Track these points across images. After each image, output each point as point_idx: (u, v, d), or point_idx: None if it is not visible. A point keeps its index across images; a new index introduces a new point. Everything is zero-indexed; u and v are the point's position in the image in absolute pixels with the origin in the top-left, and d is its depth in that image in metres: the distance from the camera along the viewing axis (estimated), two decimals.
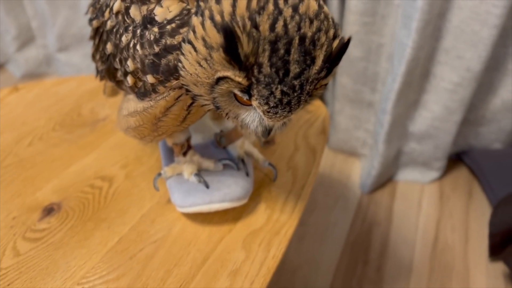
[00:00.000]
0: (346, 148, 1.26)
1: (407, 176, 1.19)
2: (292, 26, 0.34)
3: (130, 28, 0.41)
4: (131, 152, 0.64)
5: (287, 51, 0.34)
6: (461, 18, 0.93)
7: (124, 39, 0.42)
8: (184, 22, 0.36)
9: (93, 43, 0.50)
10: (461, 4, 0.91)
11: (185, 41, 0.36)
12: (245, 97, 0.37)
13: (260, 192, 0.57)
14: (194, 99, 0.41)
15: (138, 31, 0.40)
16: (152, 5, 0.39)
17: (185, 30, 0.36)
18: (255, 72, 0.35)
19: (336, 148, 1.28)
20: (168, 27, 0.37)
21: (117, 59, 0.45)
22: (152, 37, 0.38)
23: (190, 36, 0.36)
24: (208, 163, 0.55)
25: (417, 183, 1.19)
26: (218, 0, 0.35)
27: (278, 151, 0.65)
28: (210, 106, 0.41)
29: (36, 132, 0.68)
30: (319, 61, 0.35)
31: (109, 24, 0.44)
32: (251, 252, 0.49)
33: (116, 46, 0.44)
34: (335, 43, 0.36)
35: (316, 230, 1.04)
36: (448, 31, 0.96)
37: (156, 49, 0.38)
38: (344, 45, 0.36)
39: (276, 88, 0.35)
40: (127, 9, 0.41)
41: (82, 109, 0.74)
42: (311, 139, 0.68)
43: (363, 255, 0.99)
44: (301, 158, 0.64)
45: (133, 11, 0.41)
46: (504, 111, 1.10)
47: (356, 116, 1.18)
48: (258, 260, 0.48)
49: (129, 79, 0.44)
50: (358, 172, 1.22)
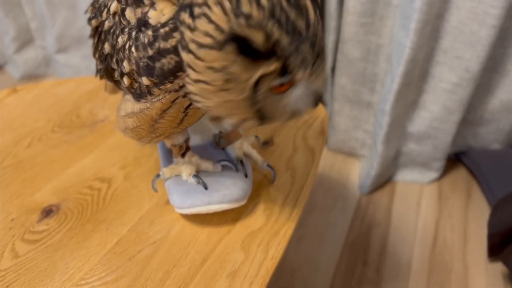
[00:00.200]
0: (345, 148, 1.26)
1: (406, 176, 1.20)
2: None
3: (126, 30, 0.41)
4: (130, 153, 0.64)
5: (285, 14, 0.34)
6: (459, 19, 0.93)
7: (120, 40, 0.42)
8: (177, 26, 0.36)
9: (93, 42, 0.51)
10: (459, 4, 0.91)
11: (191, 82, 0.37)
12: (284, 79, 0.37)
13: (259, 193, 0.57)
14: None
15: (133, 33, 0.40)
16: (146, 8, 0.39)
17: (178, 34, 0.36)
18: (278, 48, 0.35)
19: (335, 148, 1.28)
20: (162, 30, 0.37)
21: (114, 60, 0.45)
22: (146, 40, 0.39)
23: (191, 76, 0.36)
24: (206, 164, 0.55)
25: (416, 183, 1.19)
26: (193, 26, 0.35)
27: (277, 152, 0.65)
28: (252, 123, 0.41)
29: (35, 133, 0.68)
30: (310, 9, 0.36)
31: (106, 24, 0.44)
32: (250, 253, 0.49)
33: (113, 47, 0.44)
34: None
35: (315, 231, 1.04)
36: (446, 31, 0.96)
37: (150, 52, 0.38)
38: None
39: (302, 46, 0.36)
40: (123, 10, 0.42)
41: (81, 110, 0.74)
42: (309, 140, 0.68)
43: (363, 255, 0.99)
44: (300, 159, 0.64)
45: (128, 13, 0.41)
46: (502, 112, 1.10)
47: (355, 116, 1.18)
48: (257, 261, 0.48)
49: (125, 80, 0.44)
50: (357, 172, 1.22)
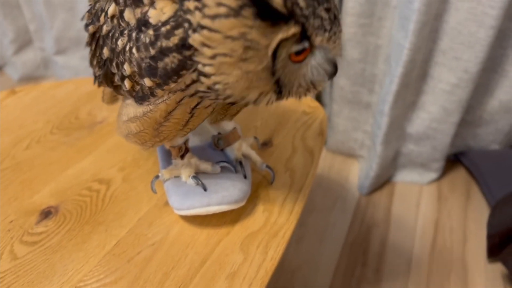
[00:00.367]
0: (344, 149, 1.26)
1: (405, 177, 1.20)
2: None
3: (126, 32, 0.41)
4: (128, 154, 0.64)
5: None
6: (458, 20, 0.93)
7: (120, 43, 0.42)
8: (178, 23, 0.36)
9: (90, 49, 0.50)
10: (458, 5, 0.91)
11: (207, 62, 0.36)
12: (303, 45, 0.37)
13: (258, 194, 0.57)
14: (217, 100, 0.41)
15: (134, 35, 0.40)
16: (146, 8, 0.39)
17: (180, 32, 0.36)
18: (297, 11, 0.35)
19: (334, 149, 1.28)
20: (163, 29, 0.37)
21: (113, 64, 0.45)
22: (147, 40, 0.38)
23: (206, 53, 0.36)
24: (205, 166, 0.55)
25: (415, 184, 1.19)
26: (201, 6, 0.34)
27: (276, 153, 0.65)
28: (270, 97, 0.40)
29: (34, 135, 0.68)
30: None
31: (104, 28, 0.44)
32: (249, 255, 0.49)
33: (113, 51, 0.44)
34: None
35: (314, 231, 1.04)
36: (445, 32, 0.96)
37: (152, 52, 0.38)
38: None
39: (320, 10, 0.36)
40: (121, 12, 0.41)
41: (79, 112, 0.74)
42: (308, 141, 0.68)
43: (362, 256, 0.99)
44: (299, 160, 0.64)
45: (127, 14, 0.41)
46: (501, 112, 1.10)
47: (354, 117, 1.18)
48: (256, 262, 0.48)
49: (126, 83, 0.44)
50: (356, 173, 1.22)
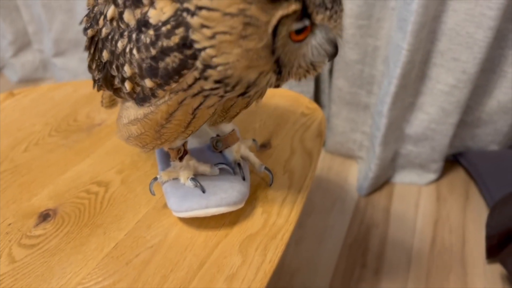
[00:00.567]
0: (343, 150, 1.26)
1: (404, 178, 1.20)
2: None
3: (126, 33, 0.41)
4: (127, 157, 0.64)
5: None
6: (456, 21, 0.93)
7: (120, 45, 0.42)
8: (179, 22, 0.36)
9: (89, 53, 0.50)
10: (456, 6, 0.91)
11: (207, 44, 0.36)
12: (304, 23, 0.37)
13: (256, 196, 0.57)
14: (223, 95, 0.41)
15: (134, 36, 0.40)
16: (146, 8, 0.39)
17: (181, 31, 0.36)
18: None
19: (333, 150, 1.28)
20: (164, 28, 0.37)
21: (113, 66, 0.45)
22: (148, 40, 0.38)
23: (206, 34, 0.35)
24: (204, 168, 0.55)
25: (414, 185, 1.19)
26: None
27: (274, 155, 0.65)
28: (270, 77, 0.40)
29: (32, 138, 0.68)
30: None
31: (104, 31, 0.44)
32: (248, 257, 0.49)
33: (112, 53, 0.44)
34: None
35: (314, 233, 1.04)
36: (443, 33, 0.96)
37: (153, 52, 0.38)
38: None
39: None
40: (120, 14, 0.41)
41: (78, 114, 0.74)
42: (307, 143, 0.68)
43: (361, 257, 0.99)
44: (297, 161, 0.64)
45: (126, 15, 0.41)
46: (500, 113, 1.10)
47: (352, 118, 1.18)
48: (254, 264, 0.48)
49: (127, 85, 0.44)
50: (355, 174, 1.22)
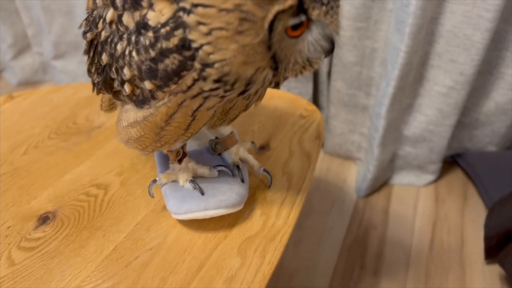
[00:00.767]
0: (341, 152, 1.27)
1: (403, 179, 1.20)
2: None
3: (125, 36, 0.41)
4: (126, 159, 0.64)
5: None
6: (453, 23, 0.94)
7: (119, 47, 0.42)
8: (178, 24, 0.36)
9: (88, 56, 0.50)
10: (453, 8, 0.92)
11: (204, 41, 0.36)
12: (300, 19, 0.38)
13: (255, 198, 0.57)
14: (224, 95, 0.41)
15: (133, 38, 0.40)
16: (145, 10, 0.39)
17: (179, 32, 0.36)
18: None
19: (331, 152, 1.28)
20: (163, 30, 0.37)
21: (113, 69, 0.45)
22: (147, 42, 0.38)
23: (202, 30, 0.36)
24: (203, 170, 0.55)
25: (413, 186, 1.19)
26: None
27: (273, 157, 0.65)
28: (266, 73, 0.40)
29: (32, 140, 0.69)
30: None
31: (103, 34, 0.44)
32: (247, 259, 0.49)
33: (112, 56, 0.44)
34: None
35: (312, 234, 1.05)
36: (441, 35, 0.96)
37: (152, 53, 0.38)
38: None
39: None
40: (120, 17, 0.41)
41: (77, 117, 0.74)
42: (306, 144, 0.68)
43: (360, 258, 0.99)
44: (296, 163, 0.64)
45: (125, 18, 0.41)
46: (497, 114, 1.11)
47: (351, 120, 1.18)
48: (253, 266, 0.48)
49: (126, 87, 0.44)
50: (354, 176, 1.22)
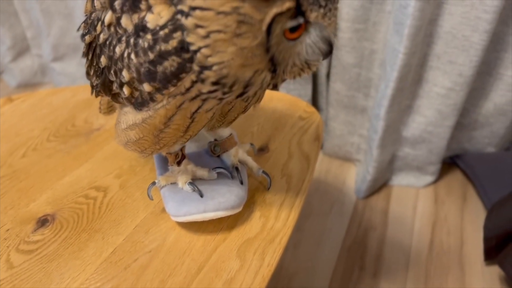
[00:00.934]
0: (341, 153, 1.27)
1: (402, 180, 1.20)
2: None
3: (123, 39, 0.41)
4: (125, 162, 0.64)
5: None
6: (452, 24, 0.94)
7: (118, 50, 0.42)
8: (176, 26, 0.36)
9: (87, 59, 0.50)
10: (452, 10, 0.92)
11: (202, 44, 0.36)
12: (298, 21, 0.38)
13: (254, 200, 0.57)
14: (222, 98, 0.41)
15: (132, 40, 0.40)
16: (143, 13, 0.39)
17: (178, 35, 0.36)
18: None
19: (331, 153, 1.28)
20: (161, 33, 0.37)
21: (111, 71, 0.45)
22: (146, 45, 0.38)
23: (200, 33, 0.36)
24: (202, 172, 0.55)
25: (412, 187, 1.19)
26: None
27: (272, 158, 0.65)
28: (265, 76, 0.40)
29: (30, 143, 0.68)
30: None
31: (102, 37, 0.44)
32: (246, 261, 0.49)
33: (110, 58, 0.44)
34: None
35: (312, 236, 1.05)
36: (439, 36, 0.97)
37: (151, 56, 0.38)
38: None
39: None
40: (118, 19, 0.41)
41: (76, 119, 0.74)
42: (305, 146, 0.68)
43: (359, 259, 0.99)
44: (295, 165, 0.64)
45: (124, 21, 0.41)
46: (496, 115, 1.11)
47: (350, 121, 1.18)
48: (253, 268, 0.48)
49: (125, 89, 0.44)
50: (353, 177, 1.23)
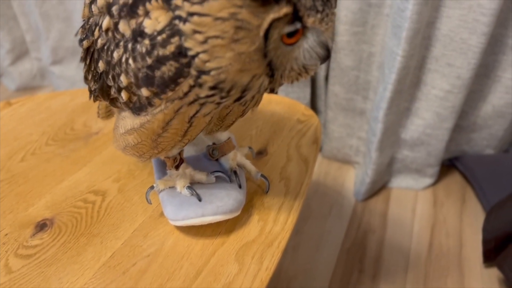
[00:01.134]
0: (340, 156, 1.27)
1: (401, 183, 1.20)
2: None
3: (121, 44, 0.42)
4: (123, 166, 0.64)
5: None
6: (450, 27, 0.94)
7: (115, 55, 0.42)
8: (174, 31, 0.37)
9: (84, 63, 0.50)
10: (450, 13, 0.92)
11: (200, 49, 0.36)
12: (295, 26, 0.38)
13: (253, 203, 0.57)
14: (220, 102, 0.41)
15: (129, 45, 0.40)
16: (141, 18, 0.39)
17: (176, 40, 0.37)
18: None
19: (330, 156, 1.29)
20: (159, 38, 0.37)
21: (109, 76, 0.45)
22: (144, 50, 0.39)
23: (198, 39, 0.36)
24: (200, 176, 0.55)
25: (411, 189, 1.19)
26: None
27: (271, 162, 0.65)
28: (262, 80, 0.40)
29: (29, 147, 0.69)
30: None
31: (99, 42, 0.44)
32: (244, 265, 0.49)
33: (108, 63, 0.44)
34: None
35: (311, 239, 1.05)
36: (437, 39, 0.97)
37: (149, 61, 0.39)
38: None
39: None
40: (116, 25, 0.42)
41: (75, 123, 0.74)
42: (303, 149, 0.68)
43: (358, 262, 0.99)
44: (293, 168, 0.64)
45: (122, 26, 0.41)
46: (495, 117, 1.11)
47: (349, 124, 1.19)
48: (251, 272, 0.48)
49: (123, 94, 0.44)
50: (352, 179, 1.23)
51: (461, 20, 0.92)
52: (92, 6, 0.45)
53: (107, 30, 0.43)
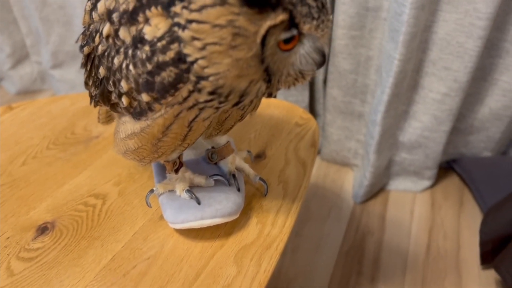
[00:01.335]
0: (338, 158, 1.27)
1: (399, 185, 1.21)
2: None
3: (122, 50, 0.42)
4: (124, 169, 0.65)
5: None
6: (446, 31, 0.95)
7: (116, 61, 0.43)
8: (173, 38, 0.37)
9: (85, 69, 0.51)
10: (446, 17, 0.93)
11: (199, 55, 0.37)
12: (292, 33, 0.39)
13: (251, 206, 0.58)
14: (218, 107, 0.42)
15: (130, 52, 0.41)
16: (141, 25, 0.40)
17: (175, 46, 0.37)
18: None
19: (328, 159, 1.29)
20: (159, 44, 0.38)
21: (110, 82, 0.46)
22: (144, 56, 0.39)
23: (196, 45, 0.37)
24: (199, 179, 0.56)
25: (409, 192, 1.20)
26: (187, 2, 0.36)
27: (269, 165, 0.66)
28: (260, 86, 0.41)
29: (30, 151, 0.69)
30: None
31: (100, 48, 0.45)
32: (243, 267, 0.50)
33: (109, 69, 0.45)
34: None
35: (310, 241, 1.05)
36: (434, 43, 0.98)
37: (149, 67, 0.39)
38: None
39: None
40: (116, 31, 0.42)
41: (75, 127, 0.75)
42: (301, 153, 0.69)
43: (357, 264, 1.00)
44: (291, 171, 0.65)
45: (122, 32, 0.42)
46: (492, 120, 1.12)
47: (347, 127, 1.19)
48: (249, 275, 0.49)
49: (124, 99, 0.45)
50: (350, 182, 1.23)
51: (458, 24, 0.93)
52: (93, 13, 0.45)
53: (107, 37, 0.44)
